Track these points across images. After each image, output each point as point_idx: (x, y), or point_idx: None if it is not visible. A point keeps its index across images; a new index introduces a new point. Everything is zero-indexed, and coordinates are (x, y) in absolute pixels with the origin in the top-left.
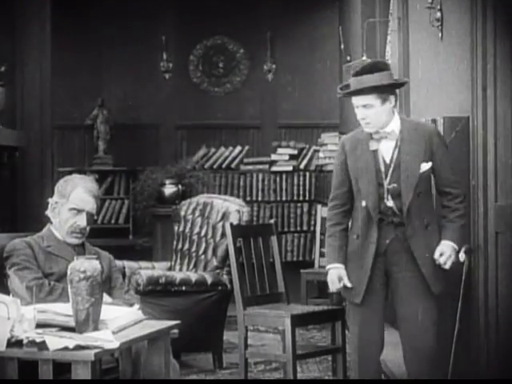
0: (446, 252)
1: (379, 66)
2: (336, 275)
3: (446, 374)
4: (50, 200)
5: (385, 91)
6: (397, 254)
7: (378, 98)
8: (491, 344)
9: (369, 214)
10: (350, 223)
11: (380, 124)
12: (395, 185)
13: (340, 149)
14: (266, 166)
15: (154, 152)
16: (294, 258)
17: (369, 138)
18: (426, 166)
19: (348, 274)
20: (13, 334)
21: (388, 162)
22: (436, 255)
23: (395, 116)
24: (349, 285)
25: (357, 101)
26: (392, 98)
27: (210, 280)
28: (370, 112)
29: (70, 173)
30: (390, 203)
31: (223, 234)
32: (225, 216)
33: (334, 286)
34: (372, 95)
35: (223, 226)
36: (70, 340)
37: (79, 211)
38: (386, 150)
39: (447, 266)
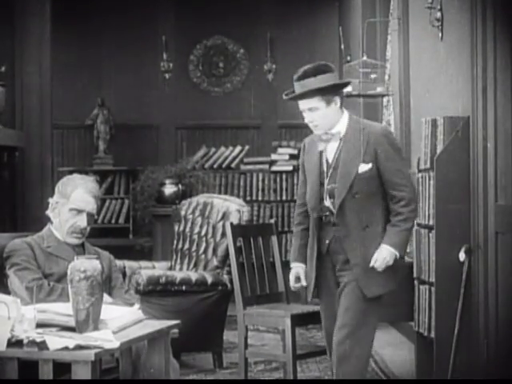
0: (379, 256)
1: (321, 69)
2: (293, 274)
3: (445, 374)
4: (50, 200)
5: (328, 93)
6: (336, 254)
7: (322, 100)
8: (491, 344)
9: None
10: None
11: (328, 125)
12: (334, 185)
13: (301, 150)
14: (266, 166)
15: (154, 152)
16: None
17: (319, 139)
18: (364, 167)
19: (306, 273)
20: (13, 334)
21: (330, 162)
22: (372, 258)
23: (343, 116)
24: (304, 283)
25: (302, 105)
26: (337, 98)
27: (210, 280)
28: (316, 114)
29: (70, 173)
30: (327, 203)
31: (223, 234)
32: (225, 216)
33: (291, 284)
34: (316, 98)
35: (223, 226)
36: (70, 340)
37: (79, 211)
38: (330, 151)
39: (380, 269)
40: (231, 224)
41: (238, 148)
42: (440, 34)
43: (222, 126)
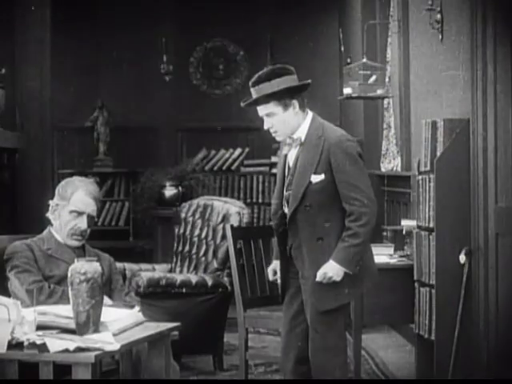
0: (321, 271)
1: (276, 72)
2: (271, 268)
3: (445, 376)
4: (50, 202)
5: (283, 97)
6: (297, 261)
7: (279, 104)
8: (491, 345)
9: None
10: None
11: (288, 131)
12: (290, 192)
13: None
14: (267, 168)
15: (154, 154)
16: None
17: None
18: (317, 178)
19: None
20: (13, 336)
21: (291, 168)
22: (317, 273)
23: (306, 121)
24: (278, 281)
25: (260, 111)
26: (294, 102)
27: (210, 282)
28: (275, 120)
29: (71, 175)
30: (286, 210)
31: (223, 236)
32: (225, 218)
33: (270, 276)
34: (271, 103)
35: (223, 228)
36: (71, 342)
37: (80, 213)
38: (291, 157)
39: (324, 282)
40: (231, 226)
41: (238, 150)
42: (440, 36)
43: (222, 128)
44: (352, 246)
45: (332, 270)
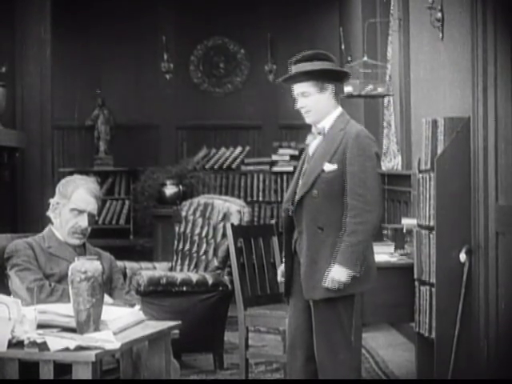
0: (328, 277)
1: (320, 56)
2: (280, 270)
3: (446, 375)
4: (51, 201)
5: (321, 79)
6: (298, 253)
7: (315, 85)
8: (491, 344)
9: None
10: None
11: (319, 114)
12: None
13: None
14: (267, 167)
15: (154, 152)
16: None
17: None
18: (329, 167)
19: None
20: (14, 335)
21: (309, 158)
22: (327, 281)
23: (334, 112)
24: (282, 280)
25: (296, 89)
26: (330, 86)
27: (210, 280)
28: (309, 100)
29: (71, 173)
30: (297, 197)
31: (224, 235)
32: (226, 216)
33: (278, 278)
34: (308, 82)
35: (224, 227)
36: (71, 341)
37: (80, 212)
38: (312, 147)
39: (334, 289)
40: (232, 225)
41: (239, 149)
42: (440, 35)
43: (222, 127)
44: (351, 245)
45: (337, 273)
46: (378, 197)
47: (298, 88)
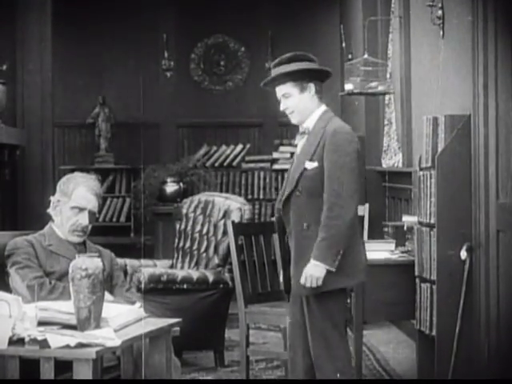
0: (304, 273)
1: (299, 57)
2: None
3: (446, 372)
4: (51, 198)
5: (301, 79)
6: (291, 250)
7: (295, 86)
8: (492, 342)
9: None
10: None
11: (303, 114)
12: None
13: None
14: (268, 164)
15: (155, 150)
16: None
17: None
18: (311, 165)
19: None
20: (14, 332)
21: (296, 156)
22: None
23: (318, 110)
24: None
25: (278, 91)
26: (311, 86)
27: (211, 278)
28: (290, 101)
29: (72, 171)
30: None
31: (225, 232)
32: (226, 214)
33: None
34: (289, 84)
35: (225, 224)
36: (72, 338)
37: (81, 210)
38: (299, 146)
39: (308, 286)
40: (233, 222)
41: (240, 146)
42: (441, 32)
43: (223, 125)
44: (322, 239)
45: (310, 268)
46: (352, 192)
47: (280, 90)
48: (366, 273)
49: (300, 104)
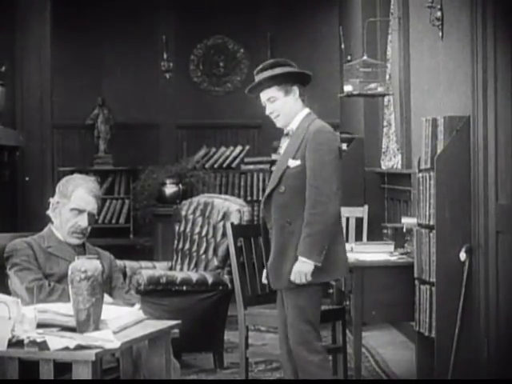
0: (293, 271)
1: (280, 63)
2: (265, 271)
3: (446, 373)
4: (50, 200)
5: (284, 82)
6: None
7: (280, 89)
8: (491, 343)
9: None
10: None
11: (288, 117)
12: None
13: None
14: (267, 166)
15: (154, 151)
16: None
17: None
18: (293, 163)
19: None
20: (14, 334)
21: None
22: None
23: (301, 113)
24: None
25: (263, 96)
26: (295, 89)
27: (210, 280)
28: (276, 105)
29: (71, 172)
30: None
31: (224, 234)
32: (225, 216)
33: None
34: (274, 88)
35: (224, 226)
36: (71, 340)
37: (80, 211)
38: (283, 148)
39: (298, 282)
40: (232, 224)
41: (239, 148)
42: (440, 34)
43: (222, 126)
44: (307, 236)
45: (299, 265)
46: (335, 189)
47: (265, 95)
48: (347, 269)
49: (285, 107)
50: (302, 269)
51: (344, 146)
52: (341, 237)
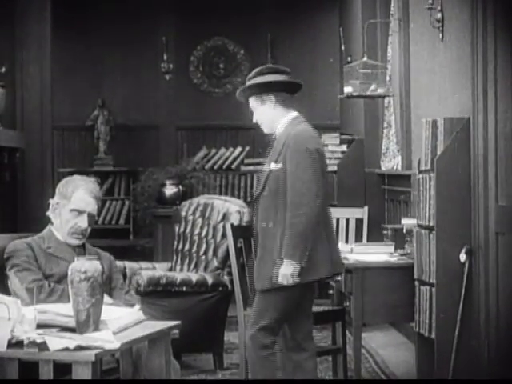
0: (279, 273)
1: (262, 71)
2: None
3: (446, 374)
4: (50, 201)
5: (259, 92)
6: None
7: (256, 99)
8: (491, 344)
9: None
10: None
11: (270, 124)
12: None
13: None
14: None
15: (154, 153)
16: None
17: None
18: (275, 166)
19: None
20: (13, 335)
21: None
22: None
23: (285, 118)
24: None
25: (250, 106)
26: (271, 97)
27: (210, 280)
28: (256, 114)
29: (71, 174)
30: None
31: (224, 235)
32: (225, 217)
33: None
34: (252, 98)
35: (224, 227)
36: (71, 340)
37: (80, 212)
38: (270, 153)
39: (285, 284)
40: (232, 225)
41: (239, 149)
42: (440, 35)
43: (222, 127)
44: (289, 238)
45: (283, 267)
46: (315, 190)
47: (249, 104)
48: (328, 270)
49: (263, 116)
50: (287, 271)
51: (344, 148)
52: (323, 238)
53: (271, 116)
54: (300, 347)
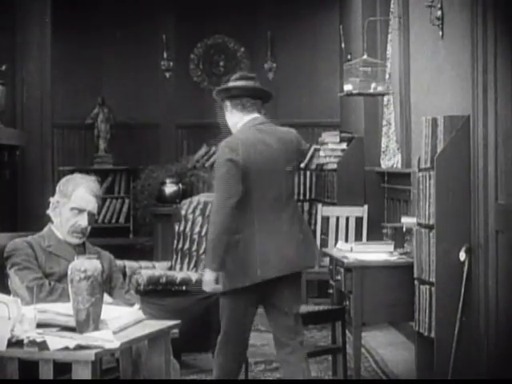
0: None
1: (229, 79)
2: None
3: (445, 374)
4: (51, 199)
5: (220, 100)
6: None
7: (221, 106)
8: (491, 343)
9: None
10: None
11: (232, 129)
12: None
13: None
14: None
15: (154, 151)
16: None
17: None
18: None
19: None
20: (13, 334)
21: None
22: None
23: (240, 123)
24: None
25: None
26: (227, 103)
27: None
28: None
29: (71, 172)
30: None
31: None
32: None
33: None
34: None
35: None
36: (71, 340)
37: (81, 211)
38: None
39: (207, 291)
40: None
41: None
42: (440, 33)
43: (222, 125)
44: (207, 245)
45: (204, 274)
46: (224, 199)
47: None
48: (265, 274)
49: (227, 121)
50: (204, 277)
51: (344, 146)
52: (253, 243)
53: (230, 121)
54: (282, 344)
